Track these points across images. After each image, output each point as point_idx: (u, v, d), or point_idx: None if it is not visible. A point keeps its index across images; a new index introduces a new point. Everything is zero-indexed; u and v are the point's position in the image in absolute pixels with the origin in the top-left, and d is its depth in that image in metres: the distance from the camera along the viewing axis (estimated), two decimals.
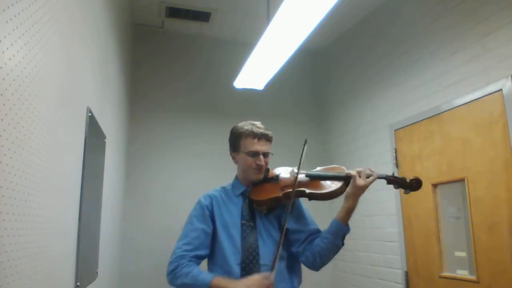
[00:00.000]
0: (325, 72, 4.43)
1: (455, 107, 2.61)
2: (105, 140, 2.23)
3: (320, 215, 1.94)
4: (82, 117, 1.65)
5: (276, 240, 1.60)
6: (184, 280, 1.49)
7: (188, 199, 3.71)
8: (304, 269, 1.70)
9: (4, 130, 0.83)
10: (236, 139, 1.69)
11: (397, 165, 3.12)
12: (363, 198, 1.59)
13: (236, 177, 1.76)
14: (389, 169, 3.16)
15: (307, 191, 1.60)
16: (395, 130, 3.19)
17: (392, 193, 3.11)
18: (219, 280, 1.47)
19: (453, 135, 2.63)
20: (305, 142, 1.56)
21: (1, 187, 0.82)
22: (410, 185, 1.62)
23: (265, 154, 1.65)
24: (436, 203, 2.74)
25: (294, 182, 1.56)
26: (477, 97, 2.45)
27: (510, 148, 2.23)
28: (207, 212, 1.64)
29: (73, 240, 1.53)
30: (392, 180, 1.64)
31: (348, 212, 1.55)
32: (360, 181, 1.53)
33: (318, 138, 4.30)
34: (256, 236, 1.59)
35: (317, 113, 4.38)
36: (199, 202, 1.69)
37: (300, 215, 1.70)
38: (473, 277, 2.42)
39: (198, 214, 1.65)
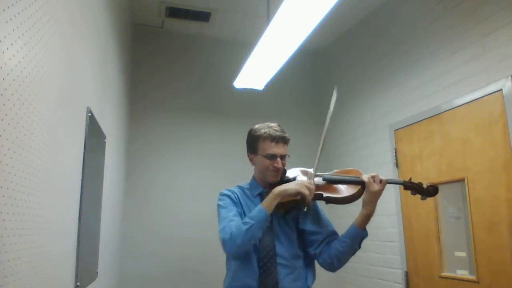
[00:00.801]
0: (325, 72, 4.43)
1: (455, 107, 2.61)
2: (105, 140, 2.23)
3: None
4: (82, 117, 1.65)
5: (292, 240, 1.63)
6: (243, 229, 1.46)
7: (188, 199, 3.77)
8: None
9: (4, 130, 0.83)
10: (254, 142, 1.70)
11: (397, 165, 3.12)
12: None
13: (254, 178, 1.77)
14: (389, 169, 3.16)
15: (325, 195, 1.61)
16: (395, 130, 3.19)
17: (392, 193, 3.11)
18: (265, 199, 1.53)
19: (453, 135, 2.63)
20: (335, 89, 1.62)
21: (1, 187, 0.82)
22: (427, 191, 1.63)
23: (283, 157, 1.66)
24: (436, 203, 2.74)
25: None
26: (477, 97, 2.45)
27: (510, 148, 2.23)
28: (234, 200, 1.67)
29: (73, 240, 1.53)
30: (410, 186, 1.64)
31: (367, 218, 1.58)
32: (375, 186, 1.55)
33: (318, 138, 4.27)
34: (273, 237, 1.61)
35: (317, 113, 4.38)
36: (223, 194, 1.70)
37: (317, 217, 1.71)
38: (473, 277, 2.42)
39: (227, 201, 1.66)
